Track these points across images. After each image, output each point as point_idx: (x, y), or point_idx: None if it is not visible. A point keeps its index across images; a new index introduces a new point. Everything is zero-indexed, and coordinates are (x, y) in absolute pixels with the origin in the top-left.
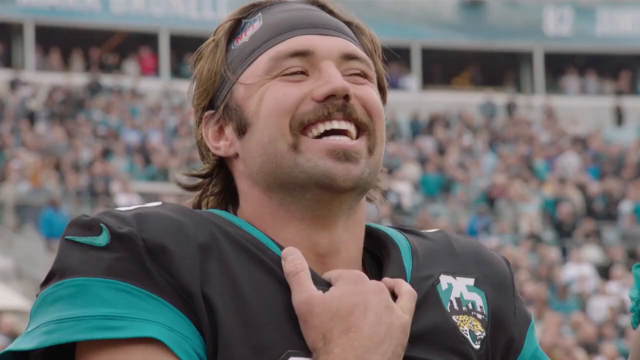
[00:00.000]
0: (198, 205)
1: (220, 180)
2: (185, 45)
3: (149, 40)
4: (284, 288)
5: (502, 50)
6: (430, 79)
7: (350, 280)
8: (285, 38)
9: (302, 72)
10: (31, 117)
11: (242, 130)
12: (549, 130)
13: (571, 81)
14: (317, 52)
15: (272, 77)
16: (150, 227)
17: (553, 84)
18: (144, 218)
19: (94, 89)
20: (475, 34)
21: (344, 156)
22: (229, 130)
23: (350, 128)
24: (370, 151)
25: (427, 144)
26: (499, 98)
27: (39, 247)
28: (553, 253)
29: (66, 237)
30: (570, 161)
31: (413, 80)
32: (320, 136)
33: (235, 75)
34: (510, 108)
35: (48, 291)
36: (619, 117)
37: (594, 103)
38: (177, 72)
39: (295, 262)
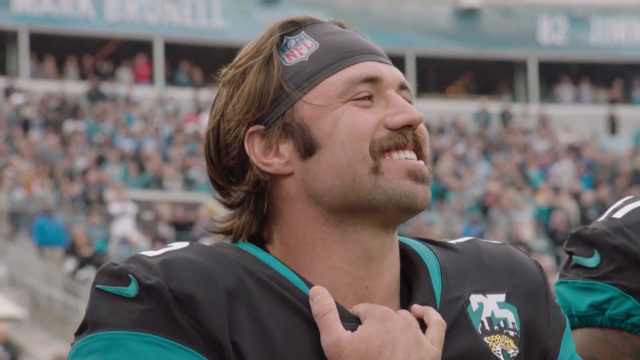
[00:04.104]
0: (240, 229)
1: (263, 199)
2: (179, 53)
3: (143, 47)
4: (313, 329)
5: (497, 59)
6: (424, 87)
7: (378, 318)
8: (353, 62)
9: (369, 98)
10: (25, 125)
11: (308, 150)
12: (543, 138)
13: (565, 90)
14: (384, 80)
15: (345, 101)
16: (178, 275)
17: (547, 92)
18: (171, 266)
19: (93, 96)
20: (469, 42)
21: (422, 177)
22: (285, 148)
23: (415, 158)
24: None
25: None
26: (493, 106)
27: (32, 255)
28: (547, 261)
29: (96, 286)
30: (565, 169)
31: None
32: None
33: (300, 94)
34: (505, 116)
35: (81, 343)
36: (613, 125)
37: (588, 111)
38: (171, 79)
39: (322, 302)
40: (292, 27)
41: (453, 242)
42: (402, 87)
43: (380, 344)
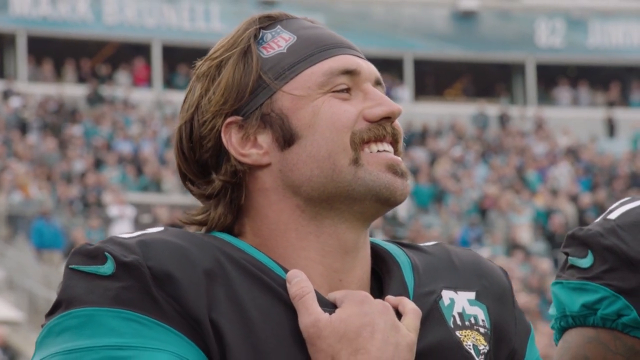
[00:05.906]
0: (215, 220)
1: (239, 190)
2: (177, 56)
3: (141, 50)
4: (291, 311)
5: (495, 62)
6: (422, 90)
7: (356, 301)
8: (332, 55)
9: (347, 91)
10: (23, 128)
11: (287, 141)
12: (541, 141)
13: (563, 92)
14: (362, 73)
15: (324, 92)
16: (155, 254)
17: (545, 95)
18: (148, 245)
19: (91, 99)
20: (467, 45)
21: (401, 171)
22: (263, 139)
23: (392, 151)
24: None
25: (419, 154)
26: (491, 109)
27: (30, 258)
28: (545, 264)
29: (70, 266)
30: (563, 172)
31: (405, 91)
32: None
33: (280, 84)
34: (503, 119)
35: (55, 321)
36: (611, 128)
37: (586, 114)
38: (169, 82)
39: (300, 284)
40: (268, 22)
41: (421, 245)
42: (377, 82)
43: (358, 325)
